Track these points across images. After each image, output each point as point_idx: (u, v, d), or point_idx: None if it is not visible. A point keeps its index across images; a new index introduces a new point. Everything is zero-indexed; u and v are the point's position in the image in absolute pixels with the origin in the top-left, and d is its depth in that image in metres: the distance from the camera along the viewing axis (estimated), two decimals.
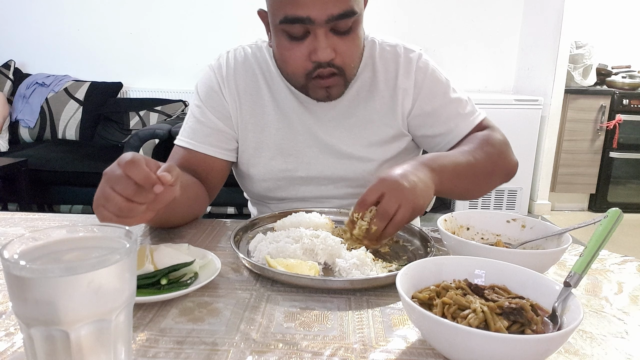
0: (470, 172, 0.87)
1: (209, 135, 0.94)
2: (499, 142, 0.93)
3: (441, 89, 0.97)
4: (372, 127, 0.96)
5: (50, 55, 3.56)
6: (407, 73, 0.95)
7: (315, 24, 0.79)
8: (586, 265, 0.54)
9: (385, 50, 0.97)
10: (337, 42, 0.82)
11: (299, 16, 0.78)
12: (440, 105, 0.96)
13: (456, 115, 0.96)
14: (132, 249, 0.40)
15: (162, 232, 0.84)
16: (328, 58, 0.82)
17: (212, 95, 0.96)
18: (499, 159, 0.92)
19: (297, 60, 0.83)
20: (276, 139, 0.97)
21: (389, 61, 0.97)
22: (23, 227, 0.86)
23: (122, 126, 3.25)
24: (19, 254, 0.39)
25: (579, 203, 3.65)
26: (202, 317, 0.56)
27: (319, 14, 0.78)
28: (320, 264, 0.70)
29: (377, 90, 0.96)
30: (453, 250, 0.68)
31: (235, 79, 0.97)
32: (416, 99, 0.96)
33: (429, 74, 0.96)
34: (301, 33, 0.81)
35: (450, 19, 3.59)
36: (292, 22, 0.79)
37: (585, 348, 0.52)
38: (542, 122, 3.30)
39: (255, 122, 0.97)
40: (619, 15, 3.72)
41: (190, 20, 3.53)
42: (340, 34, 0.82)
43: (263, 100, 0.97)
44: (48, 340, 0.37)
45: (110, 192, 0.58)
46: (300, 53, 0.83)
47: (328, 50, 0.81)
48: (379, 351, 0.50)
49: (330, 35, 0.81)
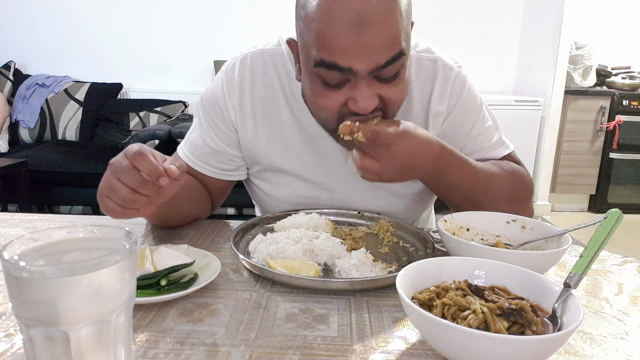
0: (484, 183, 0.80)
1: (208, 154, 0.88)
2: (527, 182, 0.88)
3: (473, 112, 0.89)
4: None
5: (50, 56, 3.57)
6: (441, 95, 0.86)
7: (358, 76, 0.67)
8: (586, 266, 0.54)
9: (422, 67, 0.87)
10: (380, 89, 0.70)
11: (340, 65, 0.66)
12: (469, 132, 0.88)
13: (483, 144, 0.89)
14: (132, 250, 0.40)
15: (162, 233, 0.84)
16: (370, 108, 0.69)
17: (215, 111, 0.87)
18: (520, 196, 0.86)
19: (333, 108, 0.71)
20: (298, 163, 0.88)
21: (425, 80, 0.86)
22: (23, 228, 0.86)
23: (122, 127, 3.25)
24: (19, 254, 0.39)
25: (579, 204, 3.65)
26: (202, 318, 0.56)
27: (363, 66, 0.65)
28: (320, 264, 0.70)
29: (411, 114, 0.86)
30: (453, 251, 0.68)
31: (251, 95, 0.86)
32: (445, 122, 0.88)
33: (463, 97, 0.88)
34: (339, 81, 0.69)
35: (450, 20, 3.59)
36: (330, 68, 0.67)
37: (585, 349, 0.52)
38: (542, 122, 3.30)
39: (271, 145, 0.88)
40: (618, 16, 3.72)
41: (190, 21, 3.54)
42: (385, 81, 0.70)
43: (282, 118, 0.87)
44: (48, 341, 0.37)
45: (116, 183, 0.58)
46: (336, 101, 0.70)
47: (369, 100, 0.68)
48: (378, 352, 0.50)
49: (373, 83, 0.69)
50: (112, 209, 0.60)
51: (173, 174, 0.58)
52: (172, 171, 0.58)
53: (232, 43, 3.47)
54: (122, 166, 0.58)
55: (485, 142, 0.89)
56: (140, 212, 0.62)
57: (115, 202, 0.59)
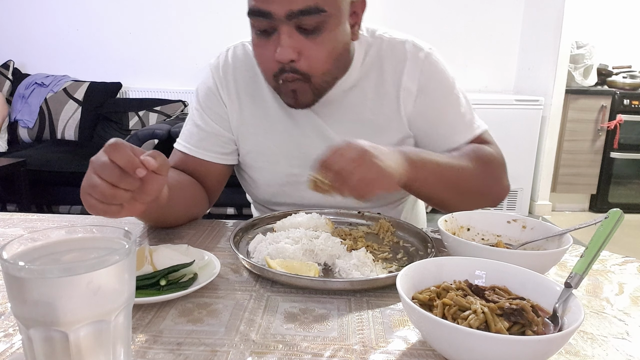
0: (454, 180, 0.82)
1: (205, 139, 0.92)
2: (497, 163, 0.89)
3: (445, 92, 0.91)
4: (380, 130, 0.91)
5: (49, 56, 3.56)
6: (412, 73, 0.90)
7: (276, 19, 0.74)
8: (587, 266, 0.54)
9: (393, 48, 0.91)
10: (302, 43, 0.76)
11: (261, 9, 0.74)
12: (440, 112, 0.91)
13: (455, 124, 0.91)
14: (132, 250, 0.40)
15: (161, 233, 0.84)
16: (287, 58, 0.75)
17: (210, 97, 0.94)
18: (492, 180, 0.88)
19: (264, 58, 0.79)
20: (280, 140, 0.93)
21: (396, 60, 0.90)
22: (22, 227, 0.86)
23: (121, 126, 3.25)
24: (18, 254, 0.39)
25: (580, 204, 3.65)
26: (201, 318, 0.56)
27: (278, 8, 0.73)
28: (320, 264, 0.70)
29: (384, 91, 0.91)
30: (453, 251, 0.68)
31: (234, 79, 0.93)
32: (417, 101, 0.91)
33: (435, 76, 0.91)
34: (266, 28, 0.76)
35: (450, 19, 3.59)
36: (256, 15, 0.75)
37: (586, 349, 0.52)
38: (542, 122, 3.30)
39: (256, 124, 0.93)
40: (619, 15, 3.71)
41: (189, 20, 3.54)
42: (307, 33, 0.76)
43: (264, 99, 0.92)
44: (47, 341, 0.37)
45: (95, 179, 0.58)
46: (266, 51, 0.78)
47: (289, 50, 0.75)
48: (379, 352, 0.50)
49: (296, 34, 0.75)
50: (93, 205, 0.60)
51: (150, 164, 0.57)
52: (148, 162, 0.57)
53: (231, 42, 3.45)
54: (100, 161, 0.58)
55: (459, 123, 0.91)
56: (125, 210, 0.61)
57: (96, 198, 0.59)
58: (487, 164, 0.87)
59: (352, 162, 0.66)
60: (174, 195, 0.79)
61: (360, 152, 0.67)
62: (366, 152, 0.67)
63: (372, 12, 3.78)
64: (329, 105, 0.90)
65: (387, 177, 0.69)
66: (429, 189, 0.81)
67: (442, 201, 0.86)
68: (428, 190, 0.81)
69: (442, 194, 0.84)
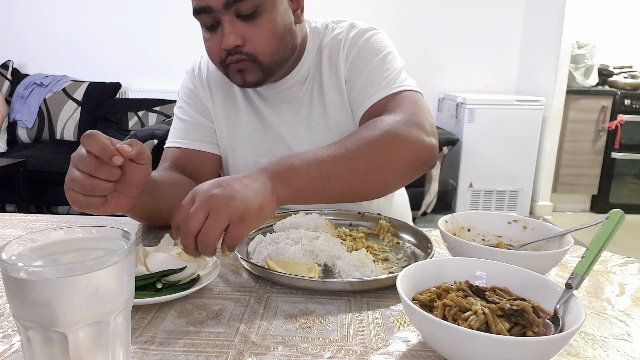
0: (344, 167, 0.70)
1: (193, 130, 0.98)
2: (399, 124, 0.76)
3: (369, 56, 0.91)
4: (328, 116, 0.95)
5: (48, 56, 3.57)
6: (344, 48, 0.94)
7: (217, 11, 0.79)
8: (588, 267, 0.54)
9: (333, 32, 0.96)
10: (244, 28, 0.81)
11: (201, 6, 0.79)
12: (358, 72, 0.90)
13: (372, 84, 0.88)
14: (131, 251, 0.40)
15: (160, 233, 0.84)
16: (231, 45, 0.81)
17: (190, 94, 1.01)
18: (392, 145, 0.74)
19: (213, 50, 0.84)
20: (247, 132, 0.99)
21: (334, 42, 0.95)
22: (21, 228, 0.86)
23: (120, 126, 3.25)
24: (17, 255, 0.39)
25: (581, 204, 3.64)
26: (201, 319, 0.56)
27: (215, 1, 0.78)
28: (320, 265, 0.69)
29: (323, 76, 0.95)
30: (454, 251, 0.68)
31: (207, 78, 1.00)
32: (346, 69, 0.93)
33: (362, 43, 0.92)
34: (212, 23, 0.82)
35: (451, 19, 3.59)
36: (199, 12, 0.81)
37: (587, 350, 0.51)
38: (543, 122, 3.30)
39: (227, 117, 0.99)
40: (620, 15, 3.71)
41: (189, 20, 3.51)
42: (246, 19, 0.81)
43: (234, 95, 0.99)
44: (46, 343, 0.37)
45: (74, 172, 0.59)
46: (214, 43, 0.83)
47: (231, 37, 0.80)
48: (379, 353, 0.50)
49: (237, 22, 0.81)
50: (74, 198, 0.60)
51: (125, 152, 0.57)
52: (124, 149, 0.57)
53: None
54: (78, 155, 0.59)
55: (380, 78, 0.88)
56: (111, 204, 0.61)
57: (76, 191, 0.59)
58: (378, 129, 0.75)
59: (188, 209, 0.57)
60: (166, 191, 0.80)
61: (201, 196, 0.58)
62: (213, 195, 0.57)
63: (372, 12, 3.77)
64: (288, 98, 0.96)
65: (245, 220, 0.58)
66: (315, 188, 0.69)
67: (348, 192, 0.73)
68: (314, 189, 0.69)
69: (340, 186, 0.71)
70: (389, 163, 0.74)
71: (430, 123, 0.82)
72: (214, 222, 0.56)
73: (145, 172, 0.62)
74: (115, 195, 0.62)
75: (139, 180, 0.61)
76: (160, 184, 0.79)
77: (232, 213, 0.57)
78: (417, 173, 0.79)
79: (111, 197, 0.62)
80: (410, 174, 0.78)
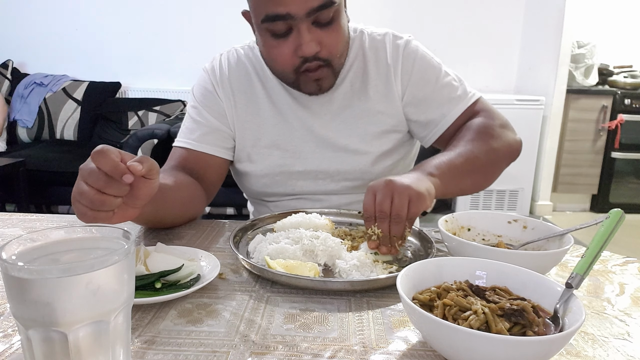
0: (471, 167, 0.86)
1: (206, 134, 0.96)
2: (496, 127, 0.93)
3: (432, 74, 0.96)
4: (368, 118, 0.96)
5: (48, 55, 3.56)
6: (396, 59, 0.96)
7: (297, 19, 0.79)
8: (588, 267, 0.54)
9: (375, 40, 0.98)
10: (320, 35, 0.82)
11: (279, 13, 0.79)
12: (431, 91, 0.96)
13: (448, 101, 0.95)
14: (131, 250, 0.40)
15: (160, 233, 0.84)
16: (313, 52, 0.82)
17: (207, 96, 0.98)
18: (499, 145, 0.91)
19: (284, 57, 0.84)
20: (272, 134, 0.98)
21: (378, 50, 0.97)
22: (21, 228, 0.86)
23: (120, 126, 3.25)
24: (17, 255, 0.39)
25: (581, 204, 3.64)
26: (201, 318, 0.56)
27: (298, 9, 0.78)
28: (320, 265, 0.69)
29: (369, 80, 0.96)
30: (454, 251, 0.68)
31: (229, 79, 0.98)
32: (406, 86, 0.96)
33: (418, 60, 0.96)
34: (284, 30, 0.81)
35: (451, 19, 3.59)
36: (274, 19, 0.80)
37: (587, 350, 0.51)
38: (543, 122, 3.30)
39: (251, 120, 0.98)
40: (620, 14, 3.71)
41: (189, 20, 3.53)
42: (322, 25, 0.82)
43: (258, 98, 0.98)
44: (46, 342, 0.37)
45: (83, 186, 0.58)
46: (286, 50, 0.83)
47: (312, 44, 0.81)
48: (379, 353, 0.50)
49: (313, 29, 0.81)
50: (83, 212, 0.59)
51: (136, 170, 0.56)
52: (134, 168, 0.56)
53: (230, 42, 3.45)
54: (87, 169, 0.58)
55: (452, 93, 0.96)
56: (117, 216, 0.61)
57: (85, 205, 0.58)
58: (493, 134, 0.91)
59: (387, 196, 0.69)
60: (171, 196, 0.79)
61: (386, 183, 0.70)
62: (391, 182, 0.70)
63: (372, 12, 3.77)
64: (317, 99, 0.95)
65: (422, 197, 0.70)
66: (455, 188, 0.86)
67: (469, 189, 0.92)
68: (455, 189, 0.87)
69: (468, 185, 0.89)
70: (497, 161, 0.92)
71: (508, 121, 0.97)
72: (399, 202, 0.68)
73: (153, 185, 0.61)
74: (122, 207, 0.61)
75: (147, 194, 0.61)
76: (165, 190, 0.77)
77: (411, 193, 0.69)
78: (510, 163, 0.96)
79: (118, 209, 0.61)
80: (506, 166, 0.95)
